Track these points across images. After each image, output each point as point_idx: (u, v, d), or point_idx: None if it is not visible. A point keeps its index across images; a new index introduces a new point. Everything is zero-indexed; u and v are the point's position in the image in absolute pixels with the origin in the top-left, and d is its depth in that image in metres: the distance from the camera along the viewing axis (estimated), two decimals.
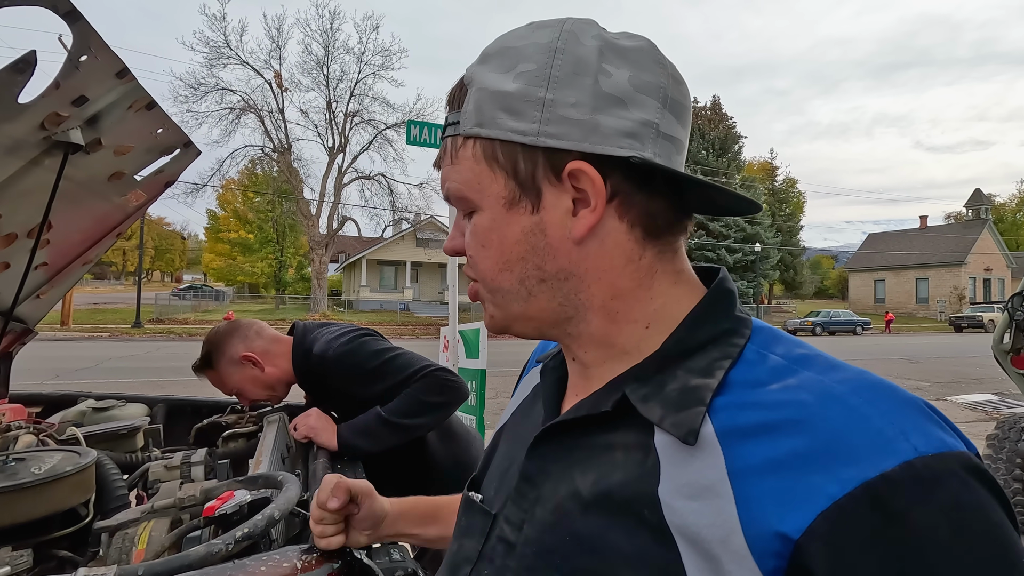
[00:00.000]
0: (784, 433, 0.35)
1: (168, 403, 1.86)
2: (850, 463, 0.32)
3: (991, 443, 3.86)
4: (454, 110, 0.48)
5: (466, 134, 0.46)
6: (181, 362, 11.89)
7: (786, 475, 0.34)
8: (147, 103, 1.29)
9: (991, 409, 8.11)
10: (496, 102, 0.45)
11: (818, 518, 0.31)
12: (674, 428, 0.39)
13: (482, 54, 0.48)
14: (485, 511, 0.52)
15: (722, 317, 0.46)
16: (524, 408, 0.61)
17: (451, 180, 0.48)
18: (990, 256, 40.69)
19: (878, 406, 0.35)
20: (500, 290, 0.49)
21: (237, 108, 27.35)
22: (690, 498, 0.37)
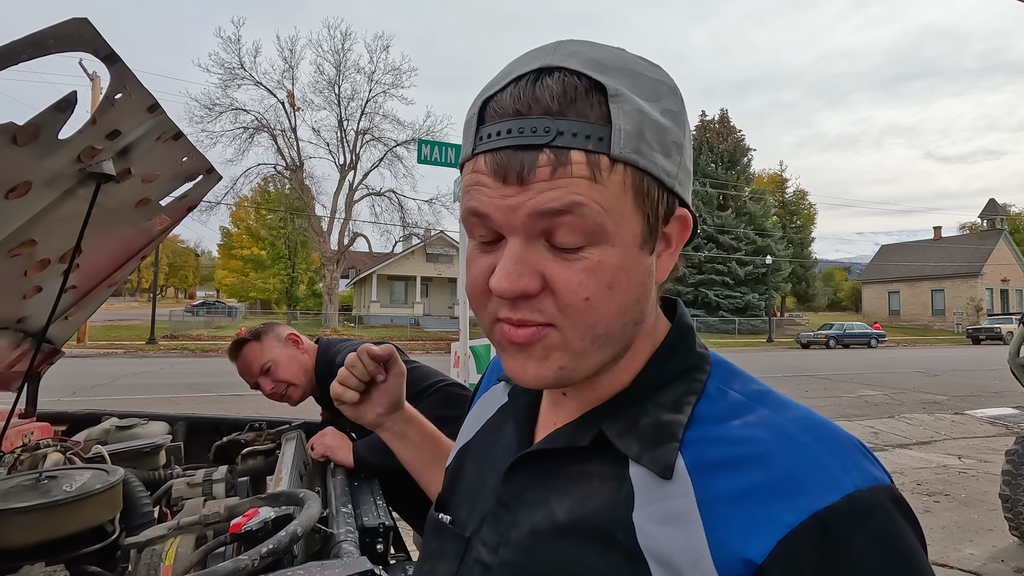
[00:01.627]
0: (746, 467, 0.40)
1: (188, 421, 1.91)
2: (803, 495, 0.37)
3: (1011, 459, 3.79)
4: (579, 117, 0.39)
5: (624, 158, 0.40)
6: (195, 378, 12.01)
7: (749, 505, 0.38)
8: (174, 134, 1.36)
9: (1011, 423, 7.95)
10: (655, 133, 0.41)
11: (778, 545, 0.36)
12: (652, 464, 0.42)
13: (591, 61, 0.41)
14: (458, 534, 0.52)
15: (685, 353, 0.49)
16: (490, 429, 0.61)
17: (586, 199, 0.39)
18: (1007, 267, 40.08)
19: (825, 444, 0.40)
20: (607, 336, 0.43)
21: (251, 127, 27.87)
22: (663, 523, 0.40)
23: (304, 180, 29.50)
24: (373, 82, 29.20)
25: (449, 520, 0.55)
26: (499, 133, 0.40)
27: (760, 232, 36.03)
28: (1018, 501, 3.69)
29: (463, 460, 0.61)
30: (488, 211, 0.41)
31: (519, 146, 0.39)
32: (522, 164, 0.39)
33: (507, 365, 0.45)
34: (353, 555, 0.85)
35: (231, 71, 27.04)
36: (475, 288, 0.44)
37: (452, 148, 4.98)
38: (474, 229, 0.43)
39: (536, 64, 0.41)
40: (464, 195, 0.43)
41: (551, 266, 0.41)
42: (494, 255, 0.43)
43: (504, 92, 0.41)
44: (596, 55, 0.42)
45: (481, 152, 0.41)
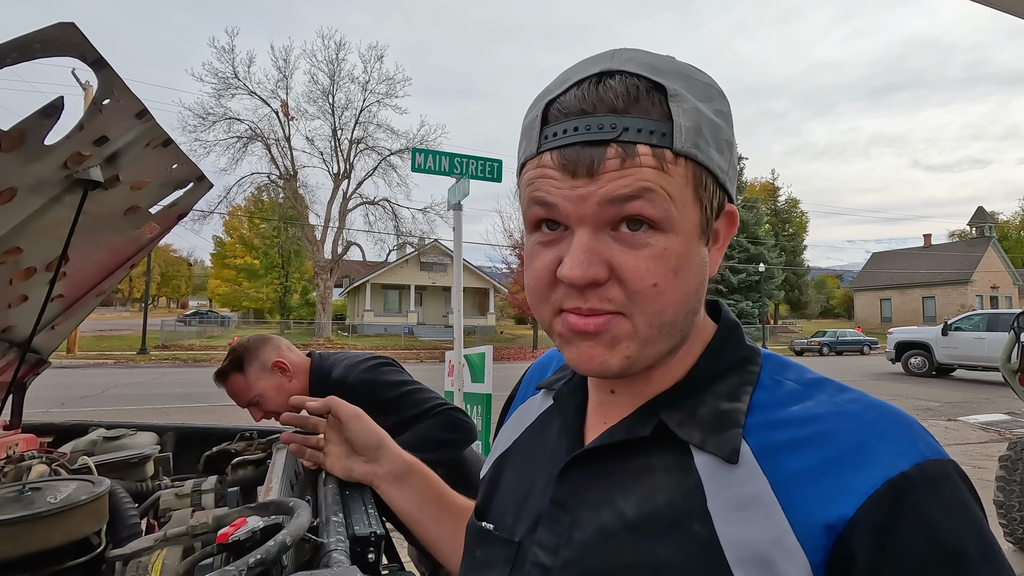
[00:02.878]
0: (813, 446, 0.41)
1: (177, 431, 1.88)
2: (875, 465, 0.39)
3: (1004, 464, 3.81)
4: (642, 114, 0.41)
5: (685, 153, 0.42)
6: (187, 389, 11.89)
7: (823, 479, 0.40)
8: (163, 140, 1.35)
9: (1003, 429, 8.00)
10: (711, 131, 0.44)
11: (858, 511, 0.37)
12: (717, 449, 0.43)
13: (647, 65, 0.43)
14: (506, 540, 0.52)
15: (736, 347, 0.51)
16: (532, 435, 0.61)
17: (655, 185, 0.41)
18: (996, 274, 40.51)
19: (888, 419, 0.42)
20: (672, 324, 0.44)
21: (244, 137, 27.88)
22: (739, 509, 0.41)
23: (298, 189, 29.48)
24: (367, 92, 29.35)
25: (492, 527, 0.54)
26: (565, 131, 0.42)
27: (753, 240, 36.26)
28: (1012, 507, 3.70)
29: (501, 469, 0.61)
30: (556, 201, 0.43)
31: (587, 142, 0.41)
32: (591, 158, 0.41)
33: (570, 354, 0.45)
34: (343, 564, 0.84)
35: (225, 80, 27.09)
36: (539, 281, 0.45)
37: (445, 157, 4.98)
38: (537, 220, 0.45)
39: (596, 69, 0.44)
40: (527, 188, 0.45)
41: (618, 255, 0.42)
42: (558, 248, 0.44)
43: (567, 94, 0.44)
44: (651, 60, 0.44)
45: (547, 149, 0.43)
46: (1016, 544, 3.75)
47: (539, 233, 0.45)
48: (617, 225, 0.42)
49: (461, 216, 5.06)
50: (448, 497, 0.73)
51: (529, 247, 0.47)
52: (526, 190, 0.45)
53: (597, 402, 0.54)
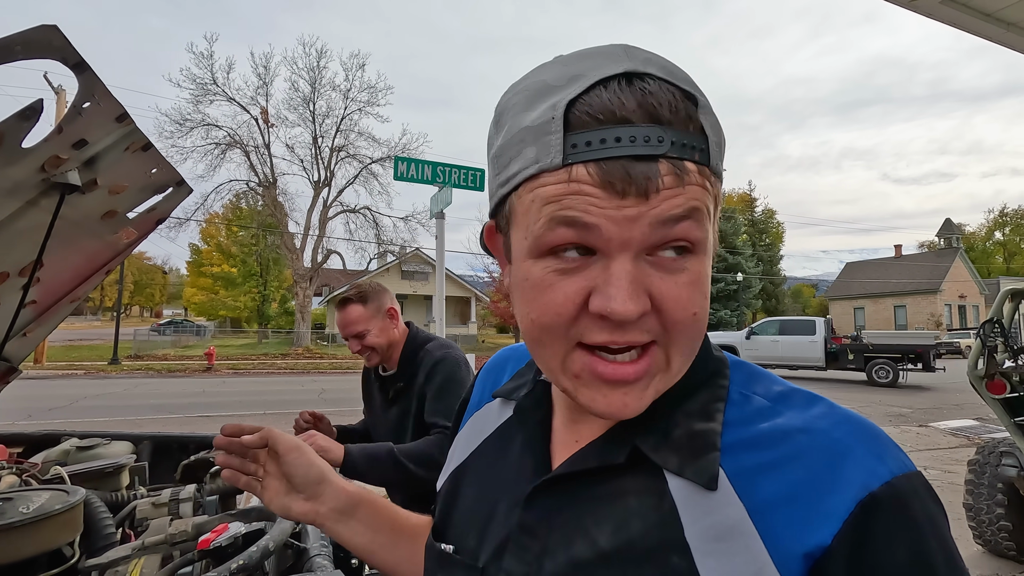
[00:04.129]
0: (786, 468, 0.40)
1: (154, 440, 1.84)
2: (846, 487, 0.38)
3: (972, 468, 3.91)
4: (682, 128, 0.38)
5: (715, 170, 0.40)
6: (161, 399, 11.59)
7: (798, 505, 0.39)
8: (143, 144, 1.34)
9: (972, 434, 8.22)
10: (723, 146, 0.42)
11: (835, 538, 0.37)
12: (696, 476, 0.41)
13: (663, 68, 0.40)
14: (470, 565, 0.49)
15: (706, 358, 0.48)
16: (492, 448, 0.57)
17: (703, 205, 0.39)
18: (963, 284, 41.74)
19: (855, 436, 0.41)
20: (696, 351, 0.43)
21: (223, 143, 27.49)
22: (718, 540, 0.39)
23: (277, 197, 29.14)
24: (349, 100, 29.19)
25: (452, 550, 0.52)
26: (604, 141, 0.37)
27: (731, 250, 36.85)
28: (981, 510, 3.80)
29: (458, 483, 0.58)
30: (597, 222, 0.37)
31: (636, 156, 0.37)
32: (645, 176, 0.37)
33: (593, 401, 0.41)
34: (327, 569, 0.83)
35: (203, 86, 26.71)
36: (559, 316, 0.40)
37: (428, 165, 4.99)
38: (558, 243, 0.39)
39: (618, 68, 0.39)
40: (547, 206, 0.39)
41: (657, 282, 0.39)
42: (583, 276, 0.39)
43: (593, 95, 0.38)
44: (666, 64, 0.40)
45: (579, 162, 0.38)
46: (985, 546, 3.85)
47: (556, 259, 0.40)
48: (654, 249, 0.39)
49: (444, 225, 5.06)
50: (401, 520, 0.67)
51: (538, 275, 0.40)
52: (543, 208, 0.39)
53: (567, 420, 0.51)
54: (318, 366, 21.91)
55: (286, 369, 20.81)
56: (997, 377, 3.64)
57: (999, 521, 3.71)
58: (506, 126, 0.42)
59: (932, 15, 3.06)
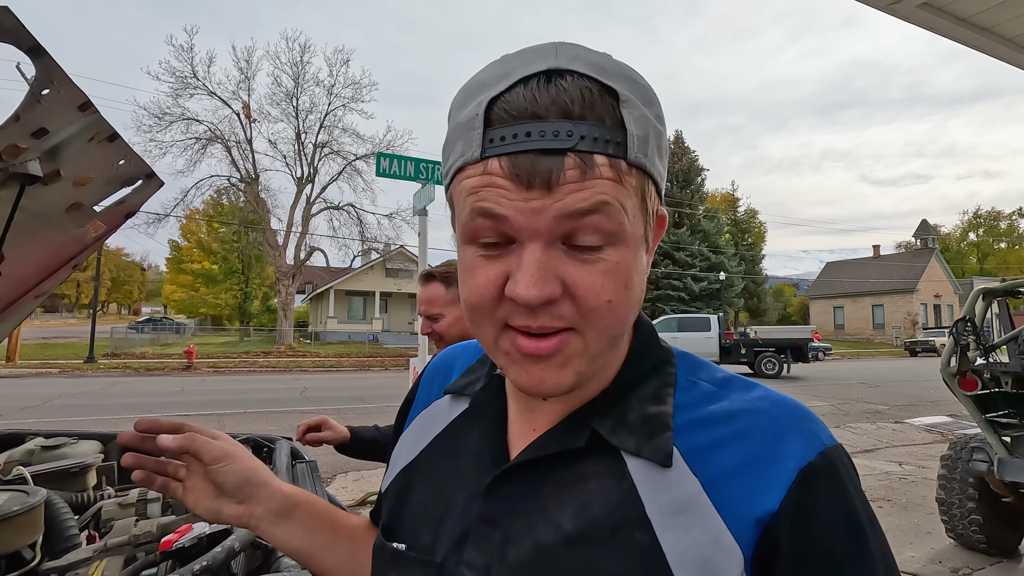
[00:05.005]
0: (734, 444, 0.44)
1: None
2: (788, 458, 0.43)
3: (945, 463, 3.99)
4: (596, 121, 0.39)
5: (635, 163, 0.41)
6: (138, 399, 11.36)
7: (746, 475, 0.43)
8: (109, 135, 1.30)
9: (945, 431, 8.40)
10: (656, 139, 0.43)
11: (781, 503, 0.41)
12: (652, 454, 0.44)
13: (593, 65, 0.41)
14: (427, 561, 0.48)
15: (656, 349, 0.52)
16: (444, 444, 0.56)
17: (612, 199, 0.40)
18: (939, 283, 42.71)
19: (791, 414, 0.46)
20: (620, 336, 0.45)
21: (203, 138, 27.03)
22: (677, 513, 0.42)
23: (259, 193, 28.75)
24: (333, 95, 28.90)
25: (405, 547, 0.51)
26: (516, 136, 0.39)
27: (714, 249, 37.22)
28: (953, 504, 3.89)
29: (409, 481, 0.57)
30: (507, 213, 0.40)
31: (542, 150, 0.39)
32: (549, 169, 0.39)
33: (519, 376, 0.43)
34: (295, 569, 0.82)
35: (183, 80, 26.21)
36: (483, 298, 0.42)
37: (411, 162, 4.95)
38: (480, 232, 0.42)
39: (542, 65, 0.40)
40: (468, 197, 0.41)
41: (571, 270, 0.41)
42: (503, 262, 0.42)
43: (512, 93, 0.40)
44: (597, 60, 0.42)
45: (493, 155, 0.40)
46: (957, 539, 3.94)
47: (479, 246, 0.42)
48: (569, 239, 0.40)
49: (427, 221, 5.03)
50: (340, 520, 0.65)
51: (468, 259, 0.43)
52: (467, 199, 0.41)
53: (524, 408, 0.51)
54: (300, 364, 21.69)
55: (268, 367, 20.56)
56: (969, 374, 3.72)
57: (970, 515, 3.80)
58: (450, 122, 0.45)
59: (910, 19, 3.12)
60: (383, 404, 10.82)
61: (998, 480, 3.52)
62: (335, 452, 1.62)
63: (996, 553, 3.83)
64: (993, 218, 62.03)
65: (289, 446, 1.70)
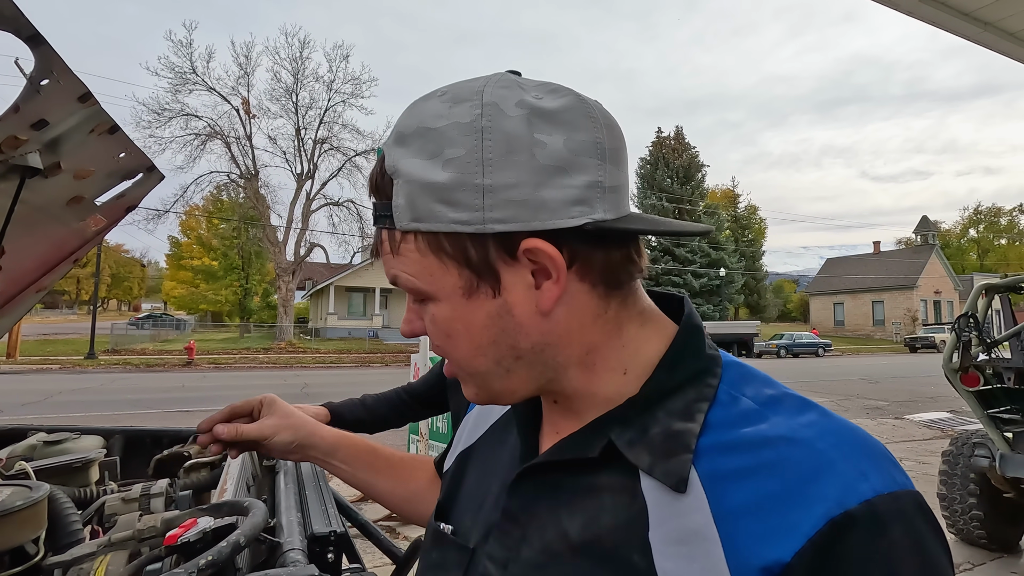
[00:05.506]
0: (761, 476, 0.38)
1: (126, 434, 1.79)
2: (819, 502, 0.36)
3: (946, 459, 4.00)
4: (382, 200, 0.45)
5: (404, 229, 0.43)
6: (139, 395, 11.38)
7: (765, 516, 0.37)
8: (109, 127, 1.29)
9: (946, 427, 8.41)
10: (430, 194, 0.41)
11: (795, 556, 0.35)
12: (665, 477, 0.40)
13: (396, 134, 0.44)
14: (462, 546, 0.50)
15: (695, 357, 0.47)
16: (495, 433, 0.59)
17: (398, 271, 0.45)
18: (939, 279, 42.69)
19: (841, 449, 0.39)
20: (478, 373, 0.47)
21: (203, 134, 27.00)
22: (679, 543, 0.39)
23: (259, 189, 28.71)
24: (332, 91, 28.84)
25: (451, 530, 0.53)
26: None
27: (714, 246, 37.21)
28: (954, 499, 3.89)
29: (464, 465, 0.59)
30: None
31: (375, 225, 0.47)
32: (376, 242, 0.48)
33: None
34: (300, 564, 0.81)
35: (182, 76, 26.18)
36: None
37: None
38: None
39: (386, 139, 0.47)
40: None
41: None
42: None
43: None
44: (404, 125, 0.44)
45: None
46: (958, 535, 3.94)
47: None
48: None
49: None
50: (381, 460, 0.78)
51: None
52: None
53: (548, 409, 0.52)
54: (301, 360, 21.71)
55: (268, 363, 20.59)
56: (971, 370, 3.71)
57: (971, 511, 3.80)
58: None
59: (912, 13, 3.10)
60: None
61: (1000, 476, 3.53)
62: None
63: (997, 548, 3.84)
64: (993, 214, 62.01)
65: None
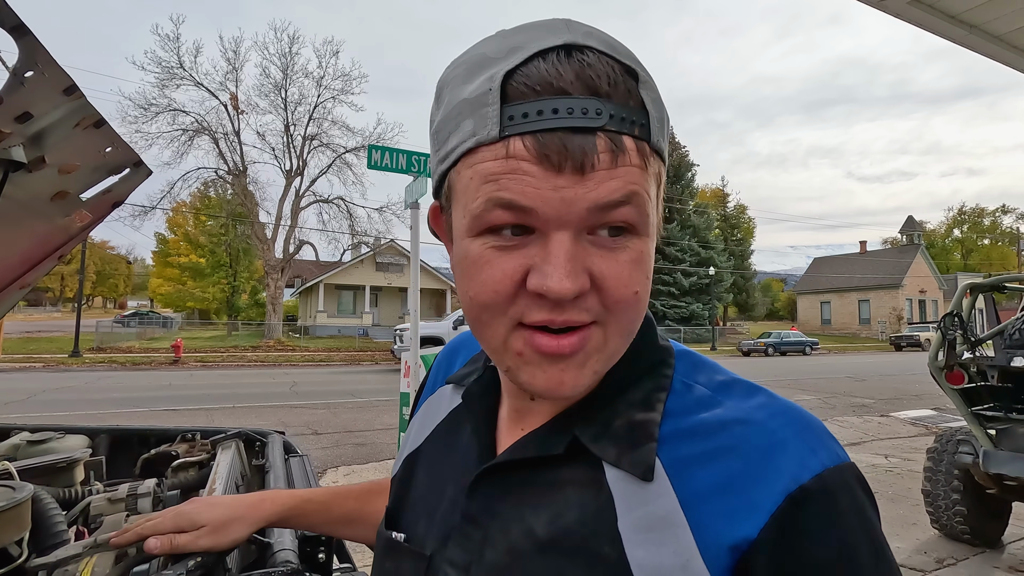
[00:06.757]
0: (721, 459, 0.40)
1: (111, 433, 1.76)
2: (777, 479, 0.38)
3: (931, 456, 4.05)
4: (621, 101, 0.37)
5: (656, 147, 0.39)
6: (124, 393, 11.23)
7: (729, 496, 0.39)
8: (96, 121, 1.26)
9: (930, 424, 8.53)
10: (666, 122, 0.41)
11: (761, 531, 0.37)
12: (632, 467, 0.41)
13: (610, 45, 0.39)
14: (418, 553, 0.48)
15: (651, 349, 0.48)
16: (443, 435, 0.56)
17: (640, 188, 0.38)
18: (924, 279, 43.29)
19: (791, 428, 0.41)
20: (635, 332, 0.42)
21: (190, 130, 26.67)
22: (649, 530, 0.39)
23: (247, 185, 28.45)
24: (322, 87, 28.61)
25: (404, 538, 0.51)
26: (540, 112, 0.36)
27: (704, 244, 37.42)
28: (938, 495, 3.95)
29: (412, 469, 0.57)
30: (534, 205, 0.36)
31: (572, 128, 0.36)
32: (582, 150, 0.36)
33: (532, 378, 0.40)
34: (292, 564, 0.80)
35: (169, 70, 25.85)
36: (497, 294, 0.39)
37: (403, 154, 4.91)
38: (496, 224, 0.38)
39: (557, 40, 0.38)
40: (485, 184, 0.37)
41: (598, 261, 0.38)
42: (523, 253, 0.38)
43: (532, 66, 0.37)
44: (608, 40, 0.40)
45: (516, 134, 0.36)
46: (942, 530, 4.00)
47: (495, 236, 0.38)
48: (595, 229, 0.38)
49: (419, 215, 5.00)
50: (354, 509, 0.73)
51: (476, 252, 0.39)
52: (482, 186, 0.37)
53: (513, 408, 0.50)
54: (290, 359, 21.56)
55: (256, 362, 20.41)
56: (956, 368, 3.76)
57: (955, 506, 3.86)
58: (445, 100, 0.41)
59: (900, 15, 3.13)
60: (375, 399, 10.78)
61: (983, 472, 3.58)
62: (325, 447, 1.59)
63: (980, 544, 3.90)
64: (977, 215, 62.96)
65: (282, 440, 1.68)
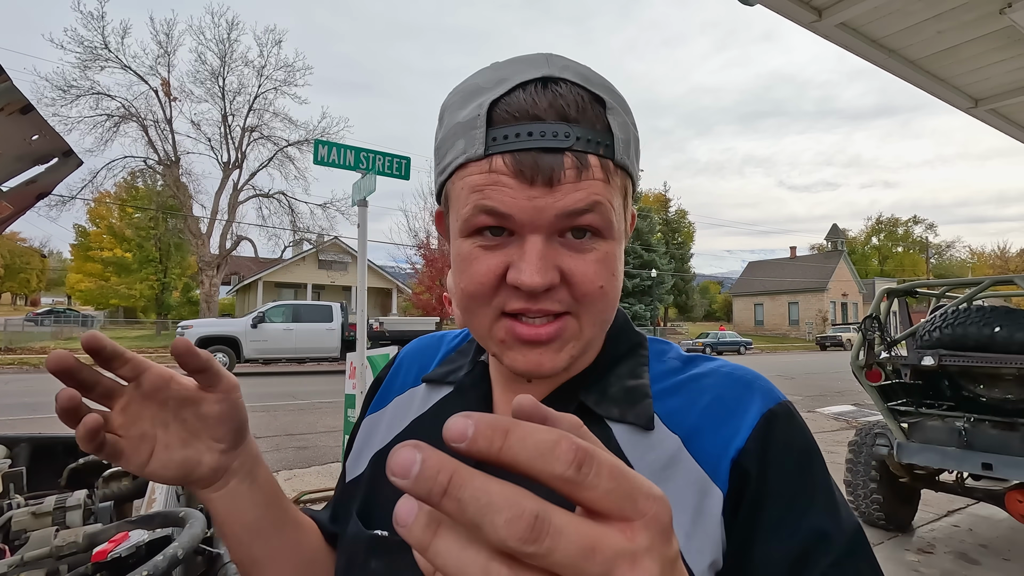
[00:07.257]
0: (704, 403, 0.50)
1: (32, 442, 1.64)
2: (752, 407, 0.48)
3: (852, 448, 4.35)
4: (588, 125, 0.44)
5: (620, 164, 0.46)
6: (38, 397, 10.35)
7: (719, 427, 0.48)
8: (22, 106, 1.17)
9: (851, 419, 9.16)
10: (634, 142, 0.48)
11: (747, 440, 0.46)
12: (636, 419, 0.49)
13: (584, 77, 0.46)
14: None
15: (630, 334, 0.58)
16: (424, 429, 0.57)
17: (603, 198, 0.45)
18: (846, 283, 46.34)
19: (750, 375, 0.52)
20: (608, 321, 0.50)
21: (116, 115, 24.96)
22: (663, 469, 0.47)
23: (180, 177, 26.93)
24: (263, 77, 27.47)
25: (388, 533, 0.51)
26: (518, 135, 0.43)
27: (646, 247, 38.54)
28: (858, 485, 4.25)
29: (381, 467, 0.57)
30: (511, 211, 0.44)
31: (544, 148, 0.43)
32: (551, 167, 0.43)
33: (514, 361, 0.47)
34: None
35: (92, 51, 24.08)
36: (482, 286, 0.46)
37: (351, 151, 4.79)
38: (481, 226, 0.45)
39: (537, 73, 0.45)
40: (472, 194, 0.45)
41: (567, 260, 0.45)
42: (504, 252, 0.45)
43: (513, 96, 0.44)
44: (583, 71, 0.47)
45: (498, 152, 0.44)
46: (860, 517, 4.31)
47: (480, 237, 0.46)
48: (564, 232, 0.45)
49: (367, 213, 4.89)
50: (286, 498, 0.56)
51: (465, 250, 0.47)
52: (471, 195, 0.45)
53: (509, 390, 0.55)
54: None
55: None
56: (875, 367, 4.06)
57: (872, 495, 4.17)
58: (445, 122, 0.49)
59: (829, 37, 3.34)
60: (316, 400, 10.46)
61: (896, 463, 3.88)
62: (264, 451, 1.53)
63: (893, 528, 4.23)
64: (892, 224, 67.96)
65: None
